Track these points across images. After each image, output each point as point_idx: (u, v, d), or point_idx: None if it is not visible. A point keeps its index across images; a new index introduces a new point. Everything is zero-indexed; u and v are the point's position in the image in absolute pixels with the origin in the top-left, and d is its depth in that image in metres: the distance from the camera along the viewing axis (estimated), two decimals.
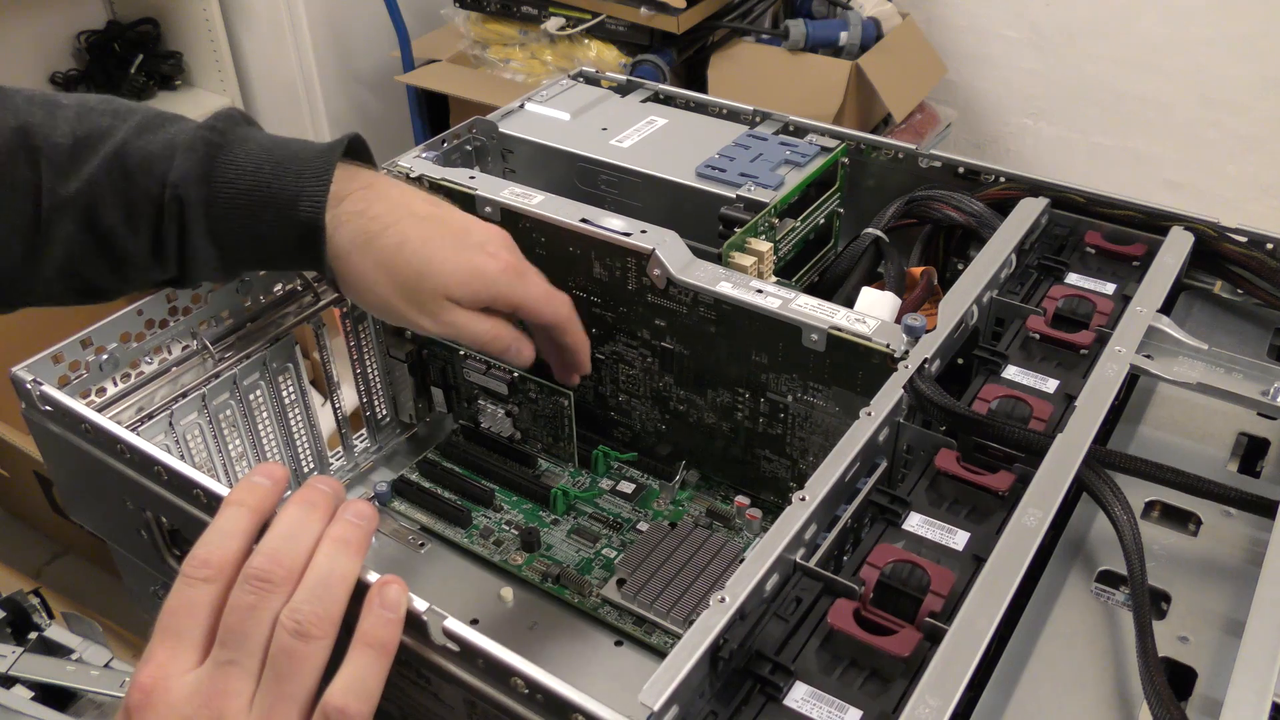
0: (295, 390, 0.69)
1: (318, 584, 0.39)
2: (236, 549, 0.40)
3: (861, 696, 0.42)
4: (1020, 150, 1.97)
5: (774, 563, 0.44)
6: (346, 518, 0.42)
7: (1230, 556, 0.49)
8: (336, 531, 0.41)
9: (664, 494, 0.72)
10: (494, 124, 0.78)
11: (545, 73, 1.63)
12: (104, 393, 0.60)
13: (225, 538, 0.40)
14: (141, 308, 0.61)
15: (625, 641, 0.63)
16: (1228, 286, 0.66)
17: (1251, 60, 1.68)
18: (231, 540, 0.40)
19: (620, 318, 0.69)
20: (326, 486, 0.43)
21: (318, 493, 0.42)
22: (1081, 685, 0.43)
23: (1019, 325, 0.61)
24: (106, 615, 1.00)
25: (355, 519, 0.42)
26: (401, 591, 0.40)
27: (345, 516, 0.42)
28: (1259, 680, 0.39)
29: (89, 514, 0.63)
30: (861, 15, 1.64)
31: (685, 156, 0.72)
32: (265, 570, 0.39)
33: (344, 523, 0.41)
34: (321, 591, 0.39)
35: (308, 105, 1.86)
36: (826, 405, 0.62)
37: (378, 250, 0.55)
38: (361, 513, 0.42)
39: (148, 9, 1.82)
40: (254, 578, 0.39)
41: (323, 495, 0.42)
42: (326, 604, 0.39)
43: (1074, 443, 0.49)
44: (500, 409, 0.75)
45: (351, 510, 0.42)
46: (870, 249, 0.71)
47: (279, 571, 0.39)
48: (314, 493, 0.42)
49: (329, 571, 0.40)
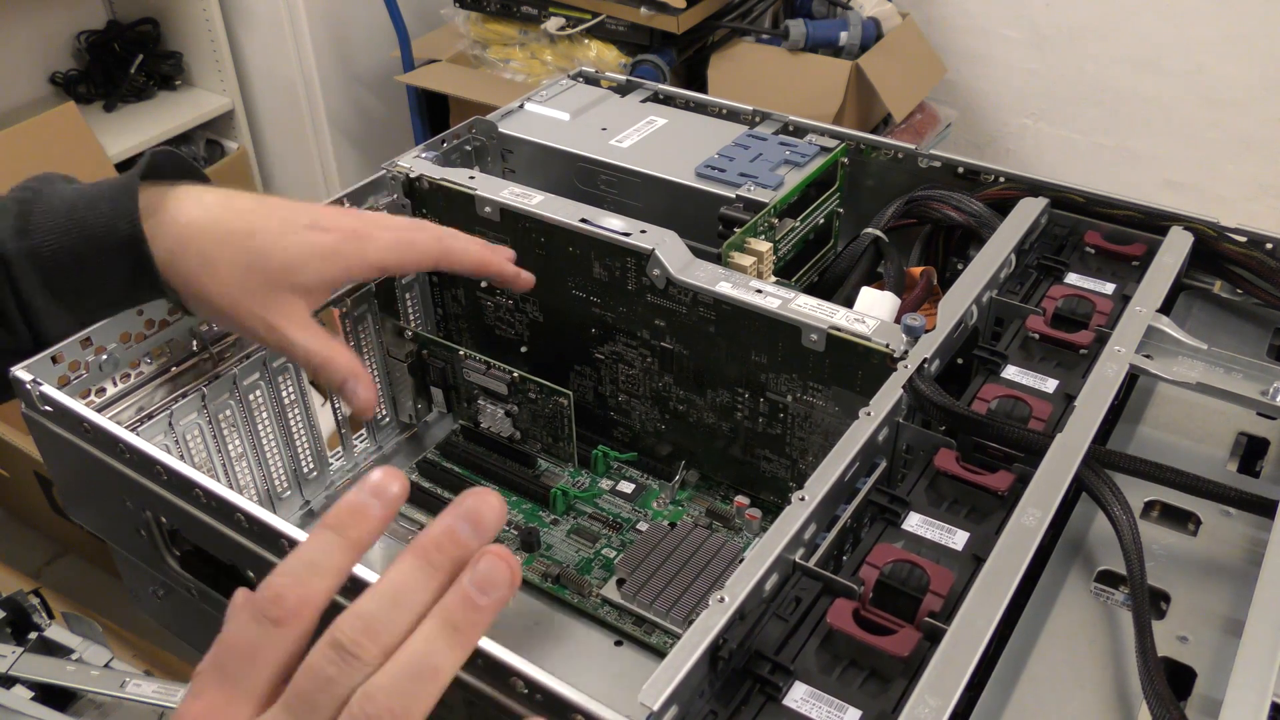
0: (295, 390, 0.69)
1: (406, 674, 0.31)
2: (321, 590, 0.33)
3: (861, 696, 0.42)
4: (1020, 150, 1.97)
5: (773, 563, 0.44)
6: (469, 589, 0.32)
7: (1230, 556, 0.49)
8: (451, 610, 0.32)
9: (664, 494, 0.72)
10: (494, 124, 0.78)
11: (545, 73, 1.63)
12: (104, 393, 0.60)
13: (310, 572, 0.33)
14: (141, 308, 0.61)
15: (625, 641, 0.63)
16: (1227, 286, 0.66)
17: (1251, 60, 1.68)
18: (317, 578, 0.33)
19: (620, 318, 0.69)
20: (467, 530, 0.33)
21: (446, 548, 0.33)
22: (1081, 685, 0.43)
23: (1018, 325, 0.61)
24: (106, 615, 1.00)
25: (479, 593, 0.32)
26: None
27: (468, 587, 0.32)
28: (1258, 680, 0.39)
29: (89, 514, 0.63)
30: (861, 15, 1.64)
31: (685, 156, 0.72)
32: (355, 642, 0.31)
33: (463, 599, 0.32)
34: (408, 685, 0.31)
35: (308, 105, 1.86)
36: (826, 405, 0.62)
37: (204, 247, 0.53)
38: (490, 582, 0.32)
39: (148, 9, 1.82)
40: (341, 646, 0.31)
41: (449, 553, 0.33)
42: (409, 701, 0.31)
43: (1073, 443, 0.49)
44: (500, 409, 0.75)
45: (479, 577, 0.32)
46: (870, 249, 0.71)
47: (371, 648, 0.31)
48: (441, 547, 0.33)
49: (423, 663, 0.31)
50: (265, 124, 1.93)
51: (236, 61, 1.85)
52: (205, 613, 0.59)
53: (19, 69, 1.74)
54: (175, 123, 1.78)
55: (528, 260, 0.71)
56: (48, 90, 1.79)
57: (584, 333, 0.71)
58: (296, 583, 0.33)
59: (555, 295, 0.71)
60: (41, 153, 1.49)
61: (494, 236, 0.71)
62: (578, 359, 0.73)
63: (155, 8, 1.82)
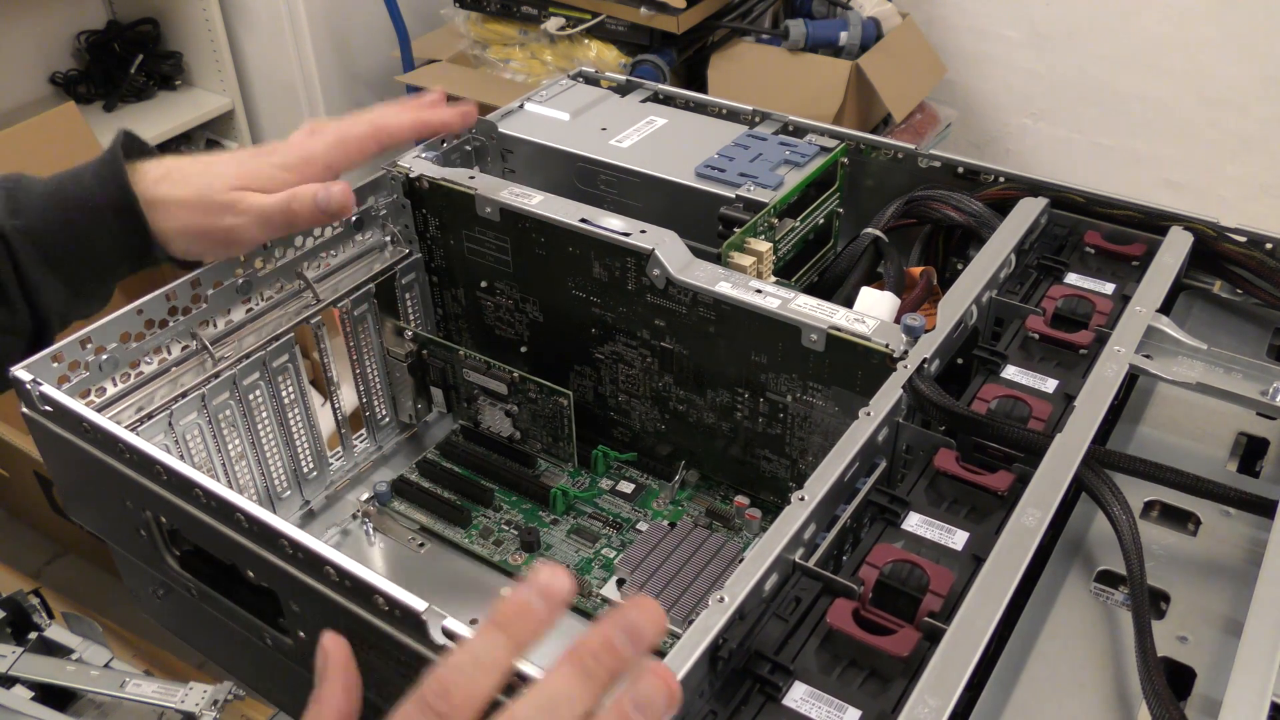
0: (295, 390, 0.69)
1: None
2: (486, 687, 0.34)
3: (860, 696, 0.42)
4: (1020, 150, 1.97)
5: (773, 563, 0.44)
6: (628, 711, 0.33)
7: (1229, 556, 0.49)
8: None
9: (663, 494, 0.72)
10: (494, 124, 0.78)
11: (545, 73, 1.63)
12: (104, 393, 0.60)
13: (477, 671, 0.34)
14: (141, 307, 0.61)
15: None
16: (1227, 286, 0.66)
17: (1251, 60, 1.68)
18: (481, 675, 0.34)
19: (620, 318, 0.69)
20: (626, 642, 0.34)
21: (605, 662, 0.34)
22: (1081, 685, 0.43)
23: (1018, 325, 0.61)
24: (106, 615, 1.00)
25: (638, 713, 0.33)
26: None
27: (627, 708, 0.33)
28: (1258, 680, 0.39)
29: (89, 514, 0.63)
30: (861, 15, 1.64)
31: (685, 156, 0.72)
32: (435, 698, 0.33)
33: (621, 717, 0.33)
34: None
35: (308, 105, 1.86)
36: (826, 405, 0.62)
37: (173, 184, 0.59)
38: (649, 703, 0.33)
39: (148, 9, 1.82)
40: (423, 700, 0.33)
41: (608, 667, 0.34)
42: None
43: (1073, 442, 0.49)
44: (500, 409, 0.75)
45: (639, 698, 0.33)
46: (870, 249, 0.71)
47: (443, 707, 0.33)
48: (601, 660, 0.34)
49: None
50: (265, 124, 1.93)
51: (236, 61, 1.85)
52: (205, 613, 0.59)
53: (19, 69, 1.74)
54: (175, 123, 1.78)
55: (528, 260, 0.71)
56: (48, 90, 1.79)
57: (584, 333, 0.71)
58: (464, 679, 0.34)
59: (555, 295, 0.71)
60: (41, 153, 1.49)
61: (494, 236, 0.71)
62: (578, 359, 0.73)
63: (155, 8, 1.82)
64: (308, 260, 0.70)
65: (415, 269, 0.77)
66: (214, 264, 0.64)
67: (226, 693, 0.80)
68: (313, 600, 0.46)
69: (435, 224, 0.74)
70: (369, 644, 0.44)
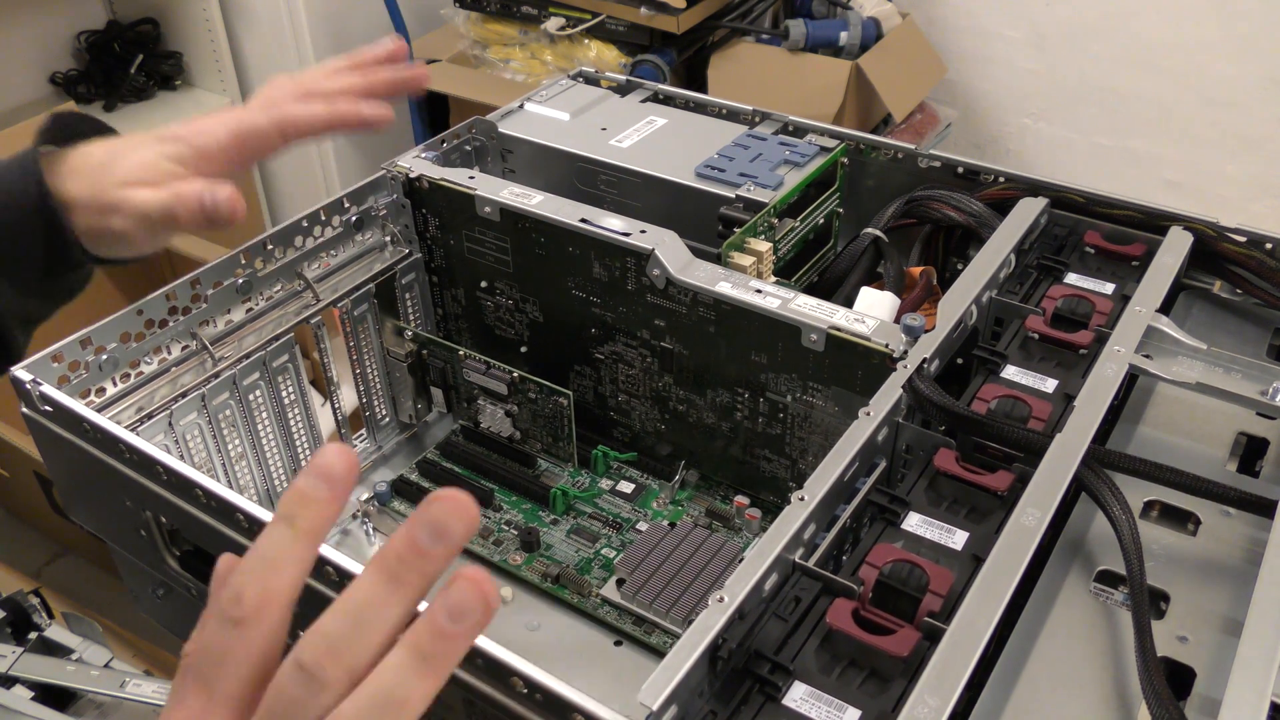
0: (295, 390, 0.69)
1: (373, 706, 0.30)
2: (281, 587, 0.31)
3: (860, 696, 0.42)
4: (1020, 150, 1.97)
5: (773, 562, 0.44)
6: (439, 617, 0.30)
7: (1229, 556, 0.49)
8: (421, 640, 0.30)
9: (663, 494, 0.72)
10: (494, 124, 0.78)
11: (545, 73, 1.63)
12: (104, 393, 0.60)
13: (266, 569, 0.31)
14: (141, 308, 0.61)
15: (625, 641, 0.63)
16: (1227, 286, 0.66)
17: (1251, 60, 1.68)
18: (274, 573, 0.31)
19: (620, 318, 0.69)
20: (430, 540, 0.30)
21: (412, 563, 0.30)
22: (1081, 685, 0.43)
23: (1018, 325, 0.62)
24: (106, 615, 1.00)
25: (451, 621, 0.30)
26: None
27: (438, 615, 0.30)
28: (1257, 680, 0.39)
29: (89, 514, 0.63)
30: (861, 15, 1.64)
31: (685, 156, 0.72)
32: (318, 664, 0.30)
33: (433, 628, 0.30)
34: (375, 717, 0.30)
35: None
36: (826, 405, 0.62)
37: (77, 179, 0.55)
38: (462, 610, 0.30)
39: (148, 9, 1.82)
40: (304, 667, 0.30)
41: (418, 569, 0.30)
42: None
43: (1073, 442, 0.49)
44: (500, 409, 0.75)
45: (451, 604, 0.30)
46: (869, 249, 0.71)
47: (334, 670, 0.30)
48: (407, 562, 0.30)
49: (391, 695, 0.30)
50: None
51: (236, 61, 1.85)
52: None
53: (19, 69, 1.74)
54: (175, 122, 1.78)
55: (528, 260, 0.71)
56: (48, 90, 1.79)
57: (584, 333, 0.71)
58: (254, 579, 0.31)
59: (555, 295, 0.71)
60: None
61: (494, 236, 0.71)
62: (578, 359, 0.73)
63: (155, 8, 1.82)
64: (308, 260, 0.70)
65: (415, 269, 0.77)
66: (214, 264, 0.64)
67: None
68: (313, 600, 0.46)
69: (435, 224, 0.74)
70: None
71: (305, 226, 0.69)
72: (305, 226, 0.69)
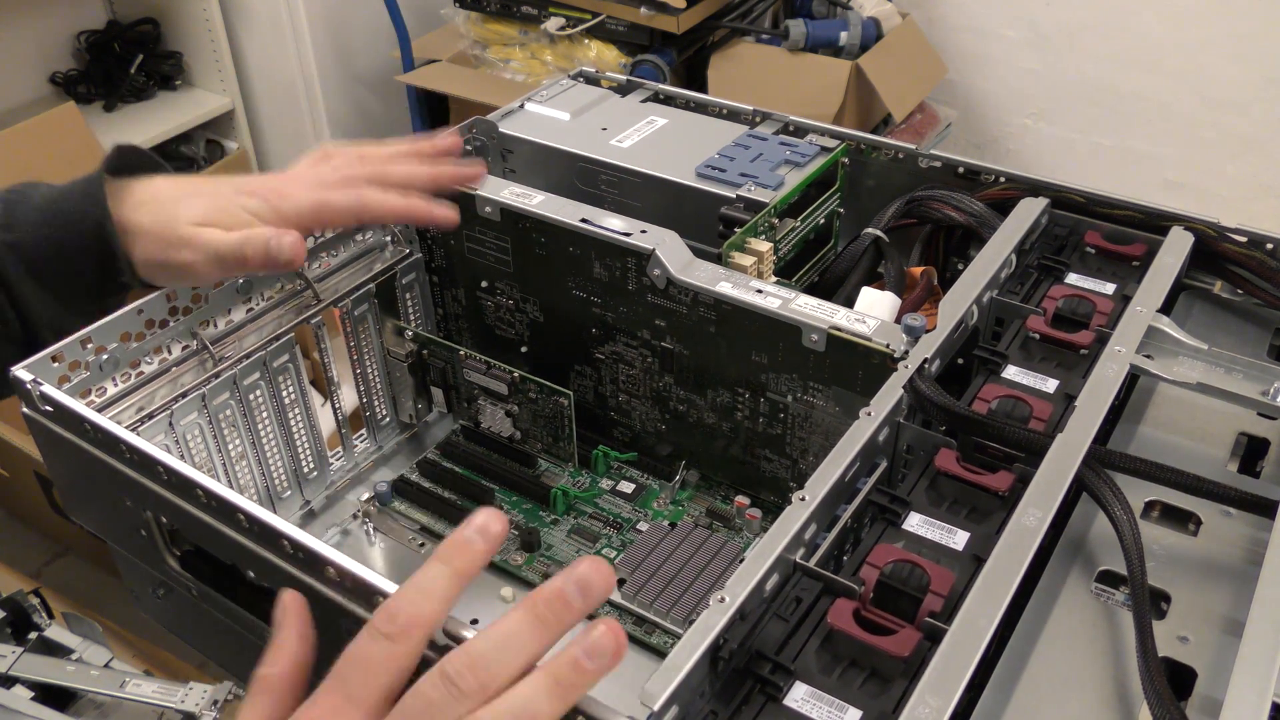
0: (295, 390, 0.69)
1: (507, 715, 0.35)
2: (430, 611, 0.37)
3: (861, 696, 0.42)
4: (1020, 150, 1.97)
5: (774, 563, 0.44)
6: (578, 656, 0.35)
7: (1230, 556, 0.49)
8: (560, 669, 0.36)
9: (664, 494, 0.72)
10: (494, 124, 0.78)
11: (545, 73, 1.63)
12: (104, 393, 0.60)
13: (420, 596, 0.37)
14: (141, 307, 0.61)
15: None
16: (1228, 286, 0.66)
17: (1251, 60, 1.68)
18: (426, 601, 0.37)
19: (620, 318, 0.69)
20: (577, 595, 0.36)
21: (557, 609, 0.36)
22: (1081, 685, 0.43)
23: (1019, 325, 0.61)
24: (106, 615, 1.00)
25: (588, 659, 0.35)
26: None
27: (577, 653, 0.35)
28: (1259, 680, 0.39)
29: (89, 514, 0.63)
30: (861, 15, 1.64)
31: (685, 156, 0.72)
32: (459, 674, 0.35)
33: (572, 663, 0.35)
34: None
35: (308, 105, 1.86)
36: (826, 405, 0.62)
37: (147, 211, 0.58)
38: (599, 651, 0.35)
39: (148, 9, 1.82)
40: (446, 675, 0.35)
41: (559, 615, 0.36)
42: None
43: (1074, 443, 0.49)
44: (500, 409, 0.75)
45: (591, 645, 0.35)
46: (870, 249, 0.71)
47: (472, 682, 0.35)
48: (553, 608, 0.36)
49: (525, 708, 0.35)
50: (265, 124, 1.93)
51: (236, 61, 1.85)
52: (205, 613, 0.59)
53: (19, 69, 1.74)
54: (175, 123, 1.78)
55: (528, 260, 0.71)
56: (48, 90, 1.79)
57: (584, 333, 0.71)
58: (408, 604, 0.37)
59: (556, 295, 0.71)
60: (41, 153, 1.49)
61: (494, 236, 0.71)
62: (578, 359, 0.73)
63: (155, 8, 1.82)
64: (308, 260, 0.70)
65: (415, 269, 0.77)
66: None
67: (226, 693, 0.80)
68: (313, 600, 0.46)
69: None
70: (322, 628, 0.44)
71: None
72: None
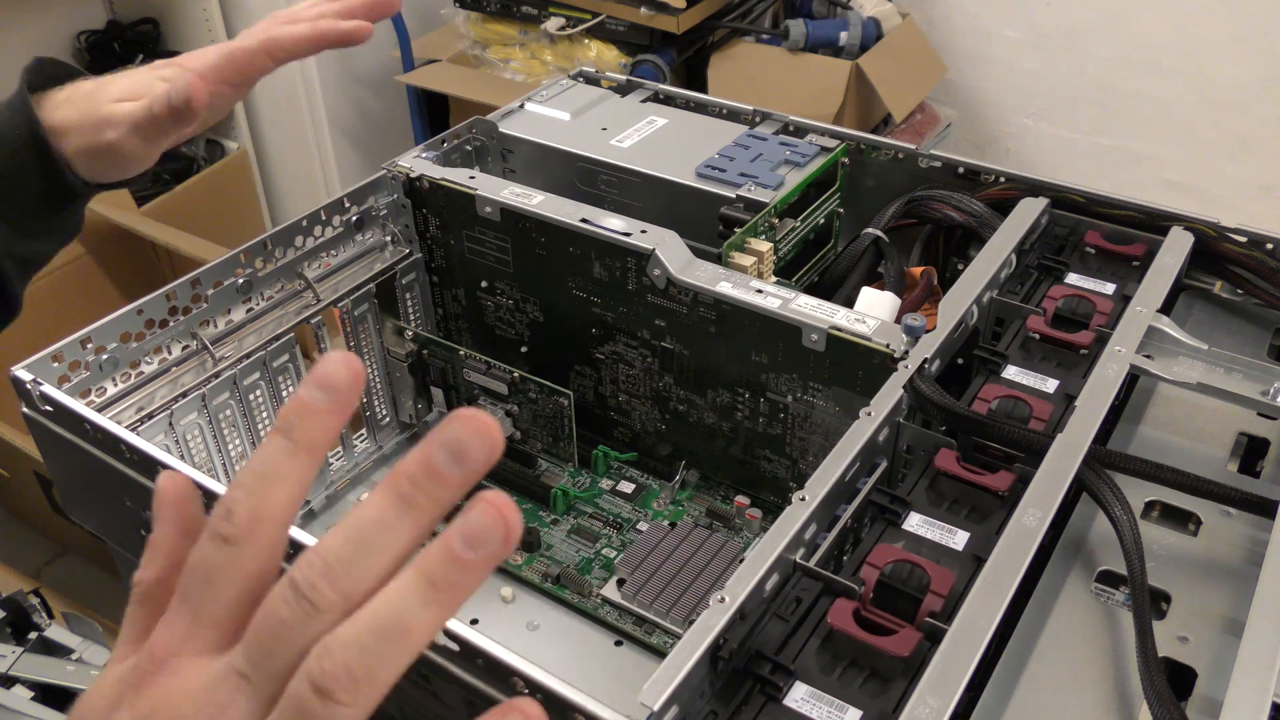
0: (295, 390, 0.69)
1: (372, 631, 0.27)
2: (276, 501, 0.29)
3: (861, 696, 0.42)
4: (1020, 150, 1.97)
5: (774, 563, 0.44)
6: (454, 542, 0.27)
7: (1230, 556, 0.49)
8: (432, 565, 0.27)
9: (664, 494, 0.72)
10: (494, 124, 0.78)
11: (545, 73, 1.63)
12: (104, 392, 0.60)
13: (260, 483, 0.29)
14: (141, 307, 0.61)
15: (625, 641, 0.63)
16: (1228, 286, 0.66)
17: (1251, 60, 1.68)
18: (267, 487, 0.29)
19: (620, 318, 0.69)
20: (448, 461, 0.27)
21: (425, 486, 0.28)
22: (1081, 685, 0.43)
23: (1019, 325, 0.61)
24: (106, 615, 1.00)
25: (466, 547, 0.27)
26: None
27: (453, 539, 0.27)
28: (1259, 680, 0.39)
29: (89, 514, 0.63)
30: (861, 15, 1.64)
31: (685, 156, 0.72)
32: (311, 585, 0.27)
33: (446, 553, 0.27)
34: (373, 643, 0.26)
35: (308, 105, 1.86)
36: (826, 405, 0.62)
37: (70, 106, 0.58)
38: (479, 536, 0.27)
39: (148, 9, 1.82)
40: (297, 587, 0.27)
41: (430, 492, 0.28)
42: (372, 661, 0.26)
43: (1074, 443, 0.49)
44: (500, 409, 0.75)
45: (468, 529, 0.27)
46: (870, 249, 0.71)
47: (329, 593, 0.27)
48: (419, 484, 0.28)
49: (393, 621, 0.27)
50: (265, 124, 1.93)
51: None
52: None
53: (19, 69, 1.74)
54: None
55: (528, 260, 0.71)
56: None
57: (584, 333, 0.71)
58: (246, 495, 0.29)
59: (556, 295, 0.71)
60: None
61: (494, 236, 0.71)
62: (578, 359, 0.73)
63: (155, 8, 1.82)
64: (308, 260, 0.70)
65: (415, 269, 0.77)
66: (214, 264, 0.64)
67: None
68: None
69: (435, 224, 0.74)
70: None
71: (305, 226, 0.69)
72: (305, 226, 0.69)
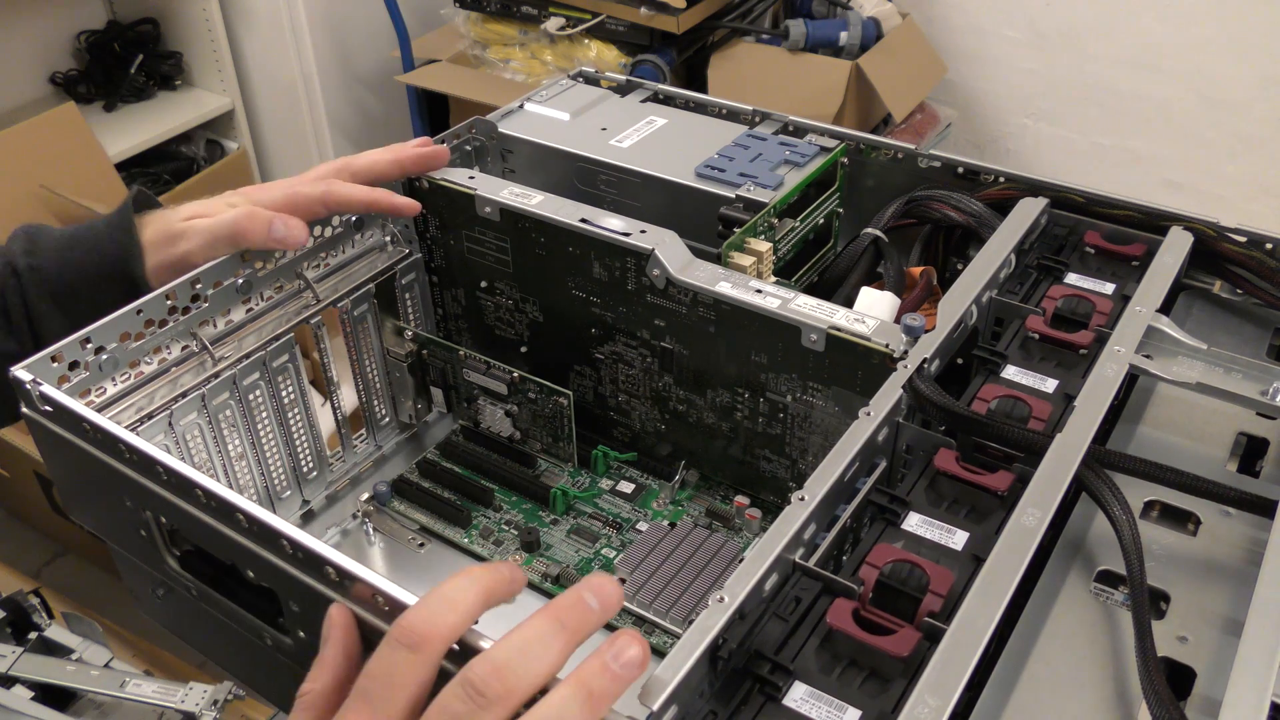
0: (295, 390, 0.69)
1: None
2: (451, 623, 0.37)
3: (861, 696, 0.42)
4: (1020, 150, 1.98)
5: (773, 562, 0.44)
6: (607, 661, 0.35)
7: (1229, 556, 0.49)
8: (589, 677, 0.35)
9: (663, 494, 0.72)
10: (494, 124, 0.78)
11: (545, 73, 1.63)
12: (104, 393, 0.60)
13: (442, 607, 0.37)
14: (141, 307, 0.61)
15: None
16: (1227, 286, 0.66)
17: (1251, 60, 1.68)
18: (448, 612, 0.37)
19: (620, 318, 0.69)
20: (594, 602, 0.37)
21: (579, 613, 0.36)
22: (1081, 685, 0.43)
23: (1018, 325, 0.62)
24: (106, 615, 1.00)
25: (617, 665, 0.35)
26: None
27: (607, 659, 0.35)
28: (1258, 680, 0.39)
29: (89, 514, 0.63)
30: (861, 15, 1.64)
31: (685, 156, 0.72)
32: (483, 682, 0.34)
33: (603, 669, 0.35)
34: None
35: (308, 105, 1.86)
36: (826, 405, 0.62)
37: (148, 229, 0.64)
38: (627, 658, 0.35)
39: (148, 9, 1.82)
40: (470, 684, 0.34)
41: (579, 619, 0.36)
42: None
43: (1073, 443, 0.49)
44: (500, 409, 0.75)
45: (618, 651, 0.35)
46: (869, 249, 0.71)
47: (498, 688, 0.34)
48: (575, 612, 0.36)
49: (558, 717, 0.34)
50: (265, 124, 1.94)
51: (236, 61, 1.85)
52: (205, 613, 0.59)
53: (19, 69, 1.74)
54: (175, 123, 1.78)
55: (528, 260, 0.71)
56: (48, 90, 1.79)
57: (584, 333, 0.71)
58: (429, 615, 0.37)
59: (555, 295, 0.71)
60: (41, 153, 1.49)
61: (494, 236, 0.71)
62: (578, 359, 0.73)
63: (155, 8, 1.82)
64: (308, 260, 0.70)
65: (415, 269, 0.77)
66: (214, 264, 0.64)
67: (226, 693, 0.80)
68: (313, 600, 0.46)
69: (435, 224, 0.74)
70: (369, 644, 0.44)
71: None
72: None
